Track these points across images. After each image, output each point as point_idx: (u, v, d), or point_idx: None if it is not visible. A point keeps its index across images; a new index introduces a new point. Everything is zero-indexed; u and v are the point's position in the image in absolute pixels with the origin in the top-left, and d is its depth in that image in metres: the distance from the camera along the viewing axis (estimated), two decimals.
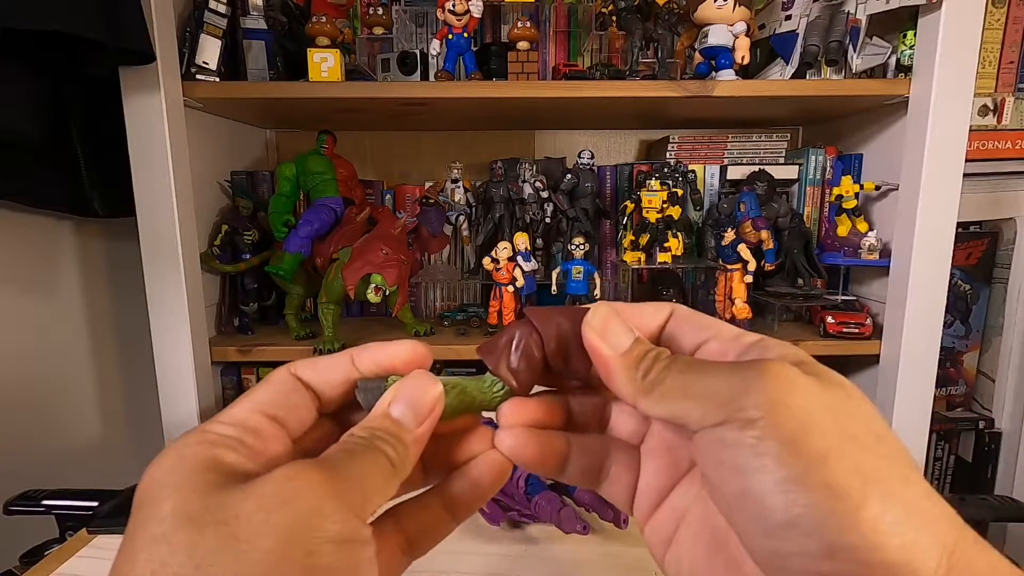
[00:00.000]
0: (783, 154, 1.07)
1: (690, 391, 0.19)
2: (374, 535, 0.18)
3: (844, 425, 0.17)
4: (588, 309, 0.22)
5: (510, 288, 0.94)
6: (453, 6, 0.85)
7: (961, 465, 1.13)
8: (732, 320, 0.96)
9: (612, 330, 0.21)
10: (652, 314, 0.22)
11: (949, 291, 0.88)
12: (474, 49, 0.89)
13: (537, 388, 0.23)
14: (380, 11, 0.94)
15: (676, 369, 0.19)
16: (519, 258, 0.93)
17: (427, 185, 1.06)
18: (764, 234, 0.93)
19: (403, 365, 0.22)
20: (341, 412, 0.23)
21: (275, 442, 0.20)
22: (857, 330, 0.93)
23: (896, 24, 0.87)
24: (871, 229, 0.94)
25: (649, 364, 0.20)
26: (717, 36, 0.88)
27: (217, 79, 0.85)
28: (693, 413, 0.18)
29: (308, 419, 0.21)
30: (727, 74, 0.88)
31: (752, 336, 0.21)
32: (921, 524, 0.15)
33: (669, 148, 1.06)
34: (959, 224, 0.85)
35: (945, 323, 0.88)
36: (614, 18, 0.92)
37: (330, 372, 0.22)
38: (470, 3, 0.85)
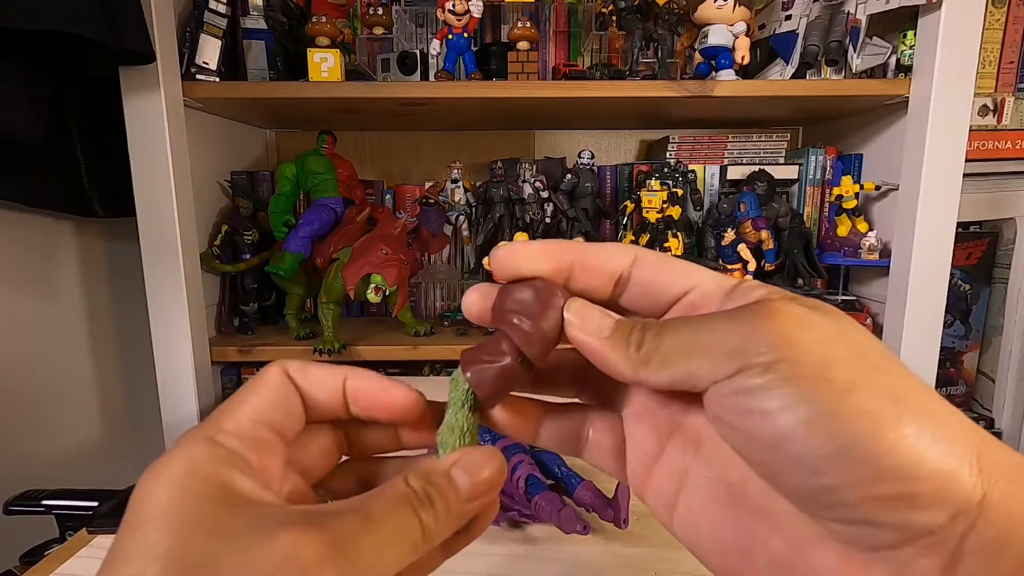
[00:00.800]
0: (783, 154, 1.07)
1: (693, 349, 0.18)
2: None
3: (859, 352, 0.17)
4: (557, 291, 0.21)
5: None
6: (453, 6, 0.85)
7: None
8: None
9: (591, 319, 0.20)
10: (613, 255, 0.21)
11: (949, 291, 0.88)
12: (474, 49, 0.89)
13: None
14: (380, 11, 0.94)
15: (670, 331, 0.19)
16: None
17: (427, 185, 1.06)
18: (764, 234, 0.93)
19: (392, 415, 0.21)
20: (342, 421, 0.22)
21: (275, 456, 0.19)
22: None
23: (896, 24, 0.87)
24: (871, 229, 0.94)
25: (640, 336, 0.19)
26: (717, 36, 0.88)
27: (217, 79, 0.85)
28: (701, 370, 0.18)
29: (300, 427, 0.21)
30: (727, 74, 0.88)
31: (732, 280, 0.20)
32: (949, 433, 0.16)
33: (669, 148, 1.06)
34: (959, 224, 0.85)
35: (945, 323, 0.88)
36: (614, 18, 0.92)
37: (320, 387, 0.21)
38: (470, 3, 0.85)
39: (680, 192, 0.96)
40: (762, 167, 1.00)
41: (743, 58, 0.88)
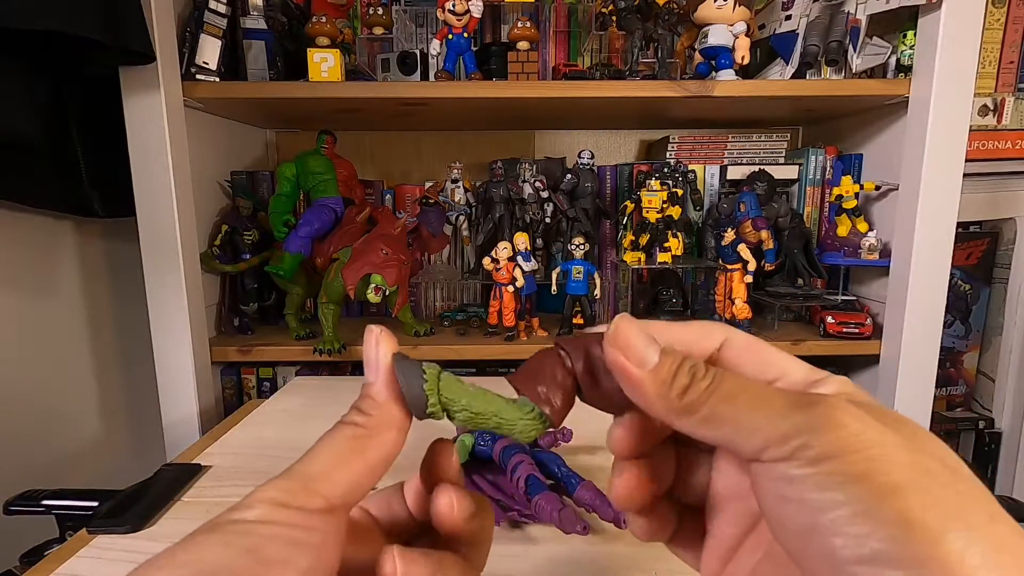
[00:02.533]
0: (783, 154, 1.07)
1: (744, 422, 0.18)
2: None
3: (917, 460, 0.16)
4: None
5: (510, 288, 0.94)
6: (453, 6, 0.85)
7: None
8: (732, 320, 0.96)
9: (635, 344, 0.19)
10: (698, 339, 0.21)
11: (949, 291, 0.88)
12: (474, 49, 0.89)
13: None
14: (380, 11, 0.94)
15: (724, 392, 0.18)
16: (519, 258, 0.93)
17: (427, 185, 1.06)
18: (764, 234, 0.93)
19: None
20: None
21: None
22: (857, 330, 0.93)
23: (896, 24, 0.87)
24: (871, 229, 0.94)
25: (686, 381, 0.19)
26: (717, 36, 0.88)
27: (217, 79, 0.85)
28: (748, 445, 0.17)
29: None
30: (727, 74, 0.88)
31: (821, 372, 0.20)
32: (1011, 563, 0.14)
33: (669, 148, 1.06)
34: (959, 224, 0.85)
35: (945, 323, 0.88)
36: (614, 18, 0.92)
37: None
38: (470, 3, 0.85)
39: (680, 192, 0.96)
40: (762, 167, 1.00)
41: (743, 58, 0.88)
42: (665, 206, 0.93)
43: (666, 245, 0.93)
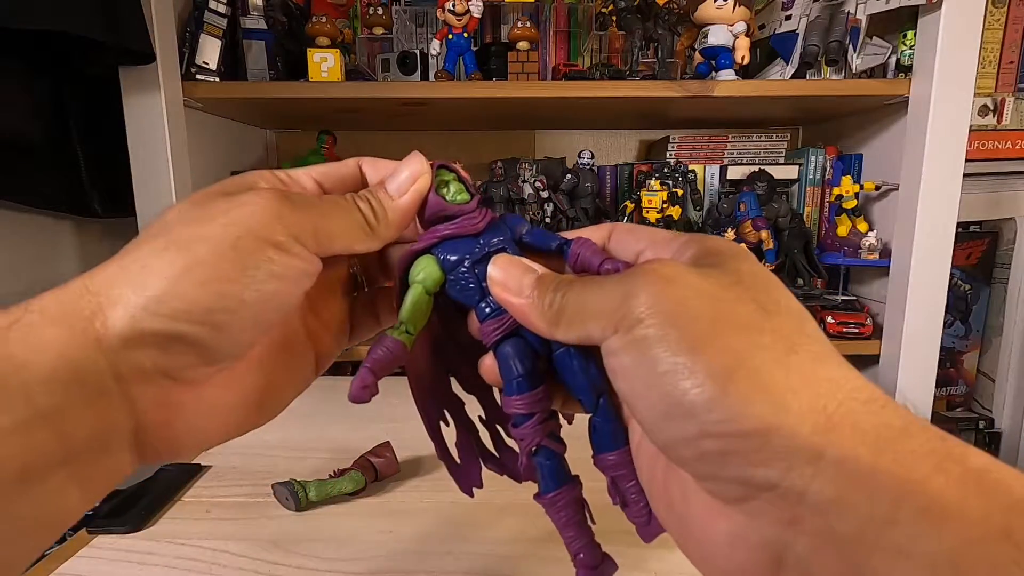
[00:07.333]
0: (783, 154, 1.07)
1: (587, 311, 0.19)
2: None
3: (721, 309, 0.17)
4: None
5: None
6: (453, 6, 0.85)
7: None
8: None
9: (513, 277, 0.21)
10: (598, 236, 0.23)
11: (949, 291, 0.88)
12: (474, 49, 0.89)
13: None
14: (380, 11, 0.94)
15: (570, 293, 0.20)
16: None
17: None
18: (764, 234, 0.93)
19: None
20: None
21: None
22: (857, 330, 0.93)
23: (896, 24, 0.87)
24: (871, 229, 0.94)
25: (551, 297, 0.20)
26: (717, 36, 0.88)
27: (217, 79, 0.85)
28: (594, 332, 0.19)
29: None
30: (727, 74, 0.88)
31: (685, 235, 0.21)
32: (796, 388, 0.16)
33: (669, 148, 1.06)
34: (959, 224, 0.85)
35: (945, 323, 0.88)
36: (614, 18, 0.92)
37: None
38: (470, 3, 0.85)
39: (680, 192, 0.96)
40: (762, 167, 1.00)
41: (743, 58, 0.88)
42: (665, 206, 0.93)
43: None
